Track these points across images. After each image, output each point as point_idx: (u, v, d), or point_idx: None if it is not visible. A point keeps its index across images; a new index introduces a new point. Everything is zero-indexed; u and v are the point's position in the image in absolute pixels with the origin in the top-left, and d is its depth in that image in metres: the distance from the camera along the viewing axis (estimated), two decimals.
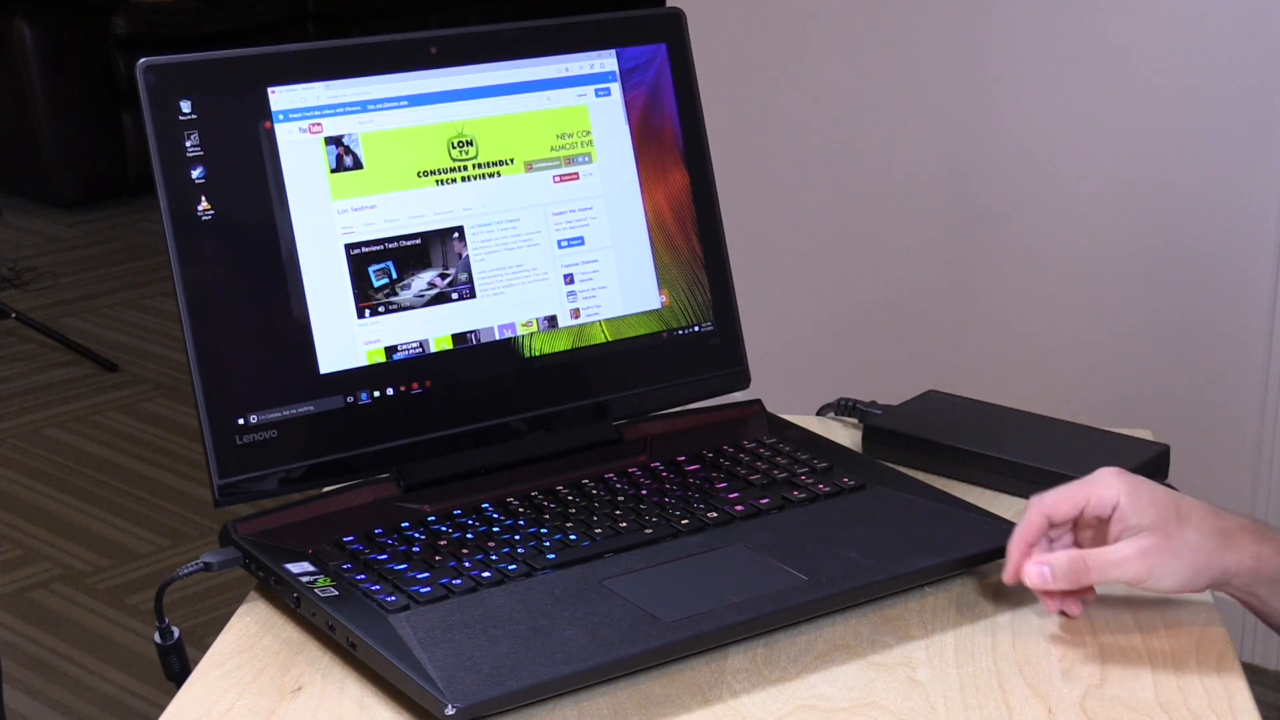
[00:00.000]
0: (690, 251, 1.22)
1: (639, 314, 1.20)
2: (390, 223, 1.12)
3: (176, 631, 1.07)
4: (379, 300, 1.11)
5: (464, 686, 0.88)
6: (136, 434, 3.35)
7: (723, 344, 1.23)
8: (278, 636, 0.99)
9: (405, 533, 1.05)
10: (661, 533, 1.05)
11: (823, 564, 1.01)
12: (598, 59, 1.20)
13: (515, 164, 1.16)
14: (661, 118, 1.21)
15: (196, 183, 1.06)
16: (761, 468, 1.14)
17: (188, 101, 1.06)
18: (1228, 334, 2.22)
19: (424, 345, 1.12)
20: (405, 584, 0.98)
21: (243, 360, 1.07)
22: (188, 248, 1.06)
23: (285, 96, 1.09)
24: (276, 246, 1.08)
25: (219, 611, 2.54)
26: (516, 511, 1.08)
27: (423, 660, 0.90)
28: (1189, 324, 2.25)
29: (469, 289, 1.14)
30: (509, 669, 0.90)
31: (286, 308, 1.08)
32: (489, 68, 1.16)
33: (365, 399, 1.10)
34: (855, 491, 1.12)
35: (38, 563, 2.82)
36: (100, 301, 4.16)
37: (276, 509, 1.07)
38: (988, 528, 1.07)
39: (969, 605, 1.02)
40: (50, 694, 2.42)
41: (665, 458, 1.16)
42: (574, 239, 1.18)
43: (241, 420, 1.06)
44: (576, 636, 0.93)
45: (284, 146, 1.09)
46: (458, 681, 0.88)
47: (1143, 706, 0.91)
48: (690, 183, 1.22)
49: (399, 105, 1.13)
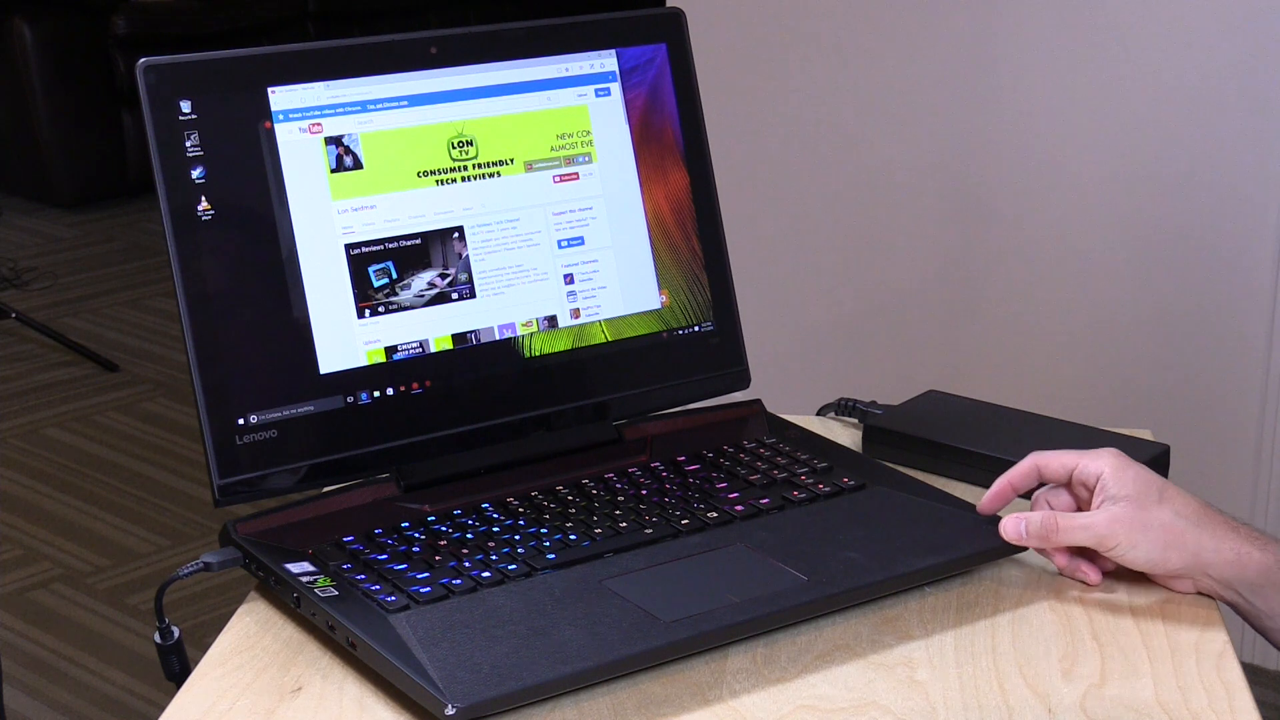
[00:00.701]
0: (690, 251, 1.22)
1: (639, 314, 1.20)
2: (390, 223, 1.12)
3: (176, 631, 1.07)
4: (379, 300, 1.11)
5: (464, 686, 0.88)
6: (136, 434, 3.35)
7: (723, 344, 1.23)
8: (278, 636, 0.99)
9: (405, 533, 1.05)
10: (661, 533, 1.05)
11: (822, 564, 1.01)
12: (598, 59, 1.20)
13: (515, 164, 1.16)
14: (662, 118, 1.21)
15: (197, 182, 1.06)
16: (761, 468, 1.14)
17: (188, 101, 1.06)
18: (1228, 334, 2.22)
19: (424, 345, 1.12)
20: (405, 584, 0.98)
21: (243, 360, 1.07)
22: (188, 247, 1.06)
23: (285, 96, 1.09)
24: (276, 246, 1.08)
25: (219, 611, 2.53)
26: (516, 511, 1.08)
27: (423, 660, 0.90)
28: (1189, 324, 2.24)
29: (469, 289, 1.14)
30: (509, 669, 0.90)
31: (286, 307, 1.08)
32: (489, 68, 1.16)
33: (365, 399, 1.10)
34: (855, 491, 1.12)
35: (38, 563, 2.82)
36: (100, 301, 4.16)
37: (276, 509, 1.07)
38: (987, 528, 1.07)
39: (969, 605, 1.02)
40: (50, 694, 2.42)
41: (665, 458, 1.16)
42: (574, 239, 1.18)
43: (241, 420, 1.06)
44: (576, 636, 0.93)
45: (284, 146, 1.09)
46: (457, 681, 0.88)
47: (1143, 706, 0.91)
48: (690, 183, 1.22)
49: (399, 105, 1.13)
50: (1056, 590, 1.04)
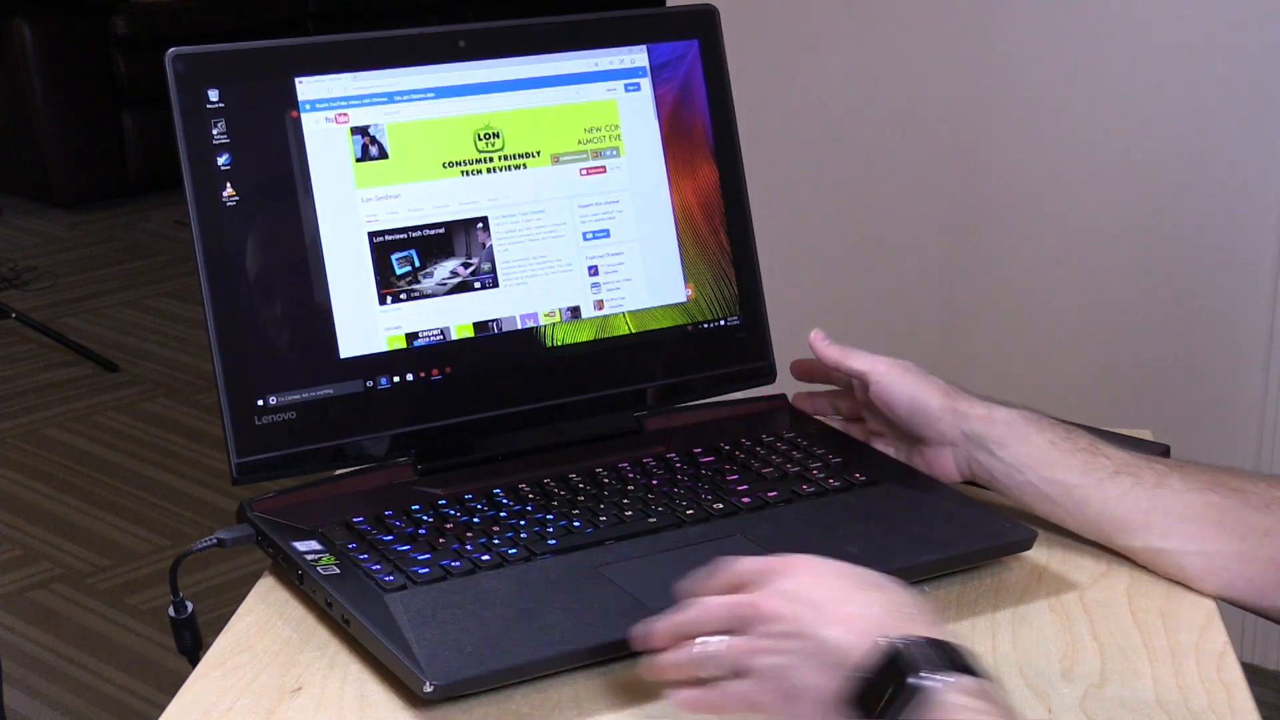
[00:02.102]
0: (718, 246, 1.22)
1: (664, 307, 1.20)
2: (414, 211, 1.13)
3: (190, 605, 1.08)
4: (401, 287, 1.12)
5: (444, 665, 0.89)
6: (136, 434, 3.35)
7: (749, 339, 1.23)
8: (278, 636, 0.99)
9: (414, 515, 1.06)
10: (665, 522, 1.06)
11: None
12: (628, 54, 1.20)
13: (542, 156, 1.17)
14: (692, 113, 1.21)
15: (222, 169, 1.08)
16: (775, 461, 1.14)
17: (215, 90, 1.08)
18: (1228, 334, 2.22)
19: (445, 333, 1.13)
20: (406, 564, 0.99)
21: (263, 342, 1.08)
22: (212, 231, 1.07)
23: (312, 87, 1.11)
24: (300, 232, 1.09)
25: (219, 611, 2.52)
26: (526, 497, 1.09)
27: (410, 639, 0.91)
28: (1189, 324, 2.24)
29: (492, 278, 1.14)
30: (490, 650, 0.91)
31: (309, 292, 1.09)
32: (517, 61, 1.17)
33: (385, 384, 1.11)
34: (866, 487, 1.11)
35: (38, 563, 2.81)
36: (100, 301, 4.15)
37: (293, 489, 1.09)
38: (994, 525, 1.06)
39: (969, 605, 1.01)
40: (50, 694, 2.41)
41: (682, 449, 1.16)
42: (600, 231, 1.18)
43: (261, 401, 1.08)
44: (561, 620, 0.94)
45: (310, 135, 1.10)
46: (439, 660, 0.90)
47: (1143, 706, 0.91)
48: (720, 178, 1.22)
49: (426, 97, 1.13)
50: (1056, 590, 1.03)
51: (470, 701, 0.91)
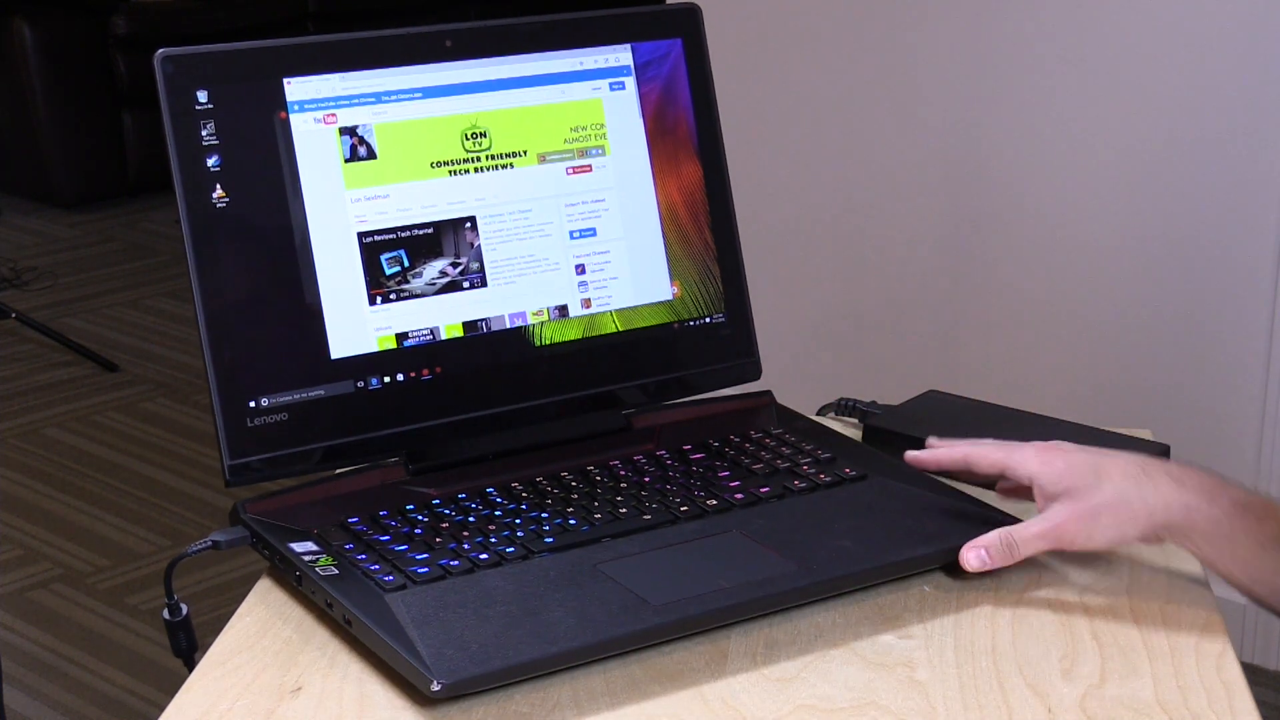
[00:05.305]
0: (703, 243, 1.23)
1: (650, 304, 1.21)
2: (403, 212, 1.13)
3: (185, 608, 1.08)
4: (391, 287, 1.12)
5: (450, 664, 0.90)
6: (136, 434, 3.35)
7: (734, 335, 1.24)
8: (278, 636, 0.99)
9: (409, 515, 1.07)
10: (660, 519, 1.06)
11: (814, 552, 1.02)
12: (613, 53, 1.21)
13: (528, 156, 1.17)
14: (676, 112, 1.22)
15: (212, 170, 1.08)
16: (765, 457, 1.15)
17: (204, 91, 1.08)
18: (1228, 334, 2.23)
19: (434, 332, 1.14)
20: (404, 564, 1.00)
21: (254, 343, 1.08)
22: (202, 233, 1.07)
23: (300, 87, 1.11)
24: (290, 233, 1.10)
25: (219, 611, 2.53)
26: (520, 496, 1.09)
27: (414, 638, 0.92)
28: (1189, 324, 2.25)
29: (480, 278, 1.15)
30: (495, 648, 0.91)
31: (299, 293, 1.10)
32: (503, 61, 1.17)
33: (375, 384, 1.12)
34: (856, 482, 1.12)
35: (38, 563, 2.82)
36: (100, 301, 4.16)
37: (286, 490, 1.09)
38: (984, 518, 1.07)
39: (969, 604, 1.02)
40: (50, 694, 2.42)
41: (673, 446, 1.17)
42: (586, 230, 1.19)
43: (253, 402, 1.08)
44: (564, 618, 0.94)
45: (299, 136, 1.10)
46: (444, 659, 0.90)
47: (1143, 706, 0.91)
48: (704, 176, 1.23)
49: (413, 97, 1.14)
50: (1056, 590, 1.03)
51: (470, 701, 0.91)
